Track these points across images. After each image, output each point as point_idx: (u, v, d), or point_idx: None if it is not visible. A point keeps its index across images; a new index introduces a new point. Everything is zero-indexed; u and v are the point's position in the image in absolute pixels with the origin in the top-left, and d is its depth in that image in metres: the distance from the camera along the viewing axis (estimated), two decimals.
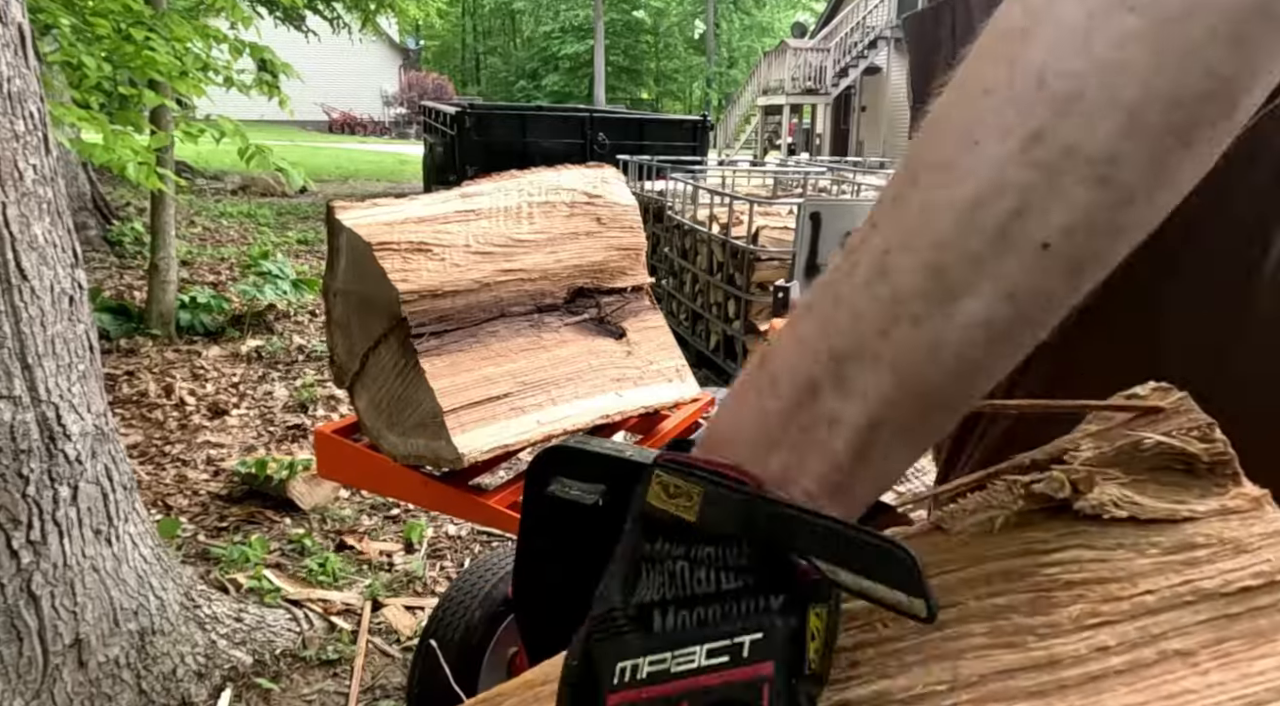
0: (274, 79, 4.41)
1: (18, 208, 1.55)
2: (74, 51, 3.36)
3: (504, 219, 1.55)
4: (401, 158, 17.56)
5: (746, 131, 21.75)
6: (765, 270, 4.02)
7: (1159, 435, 0.39)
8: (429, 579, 2.53)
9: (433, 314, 1.40)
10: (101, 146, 3.29)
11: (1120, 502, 0.37)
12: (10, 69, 1.54)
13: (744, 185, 6.36)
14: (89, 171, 6.76)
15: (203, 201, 10.00)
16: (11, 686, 1.62)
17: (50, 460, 1.63)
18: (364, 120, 29.23)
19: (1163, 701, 0.32)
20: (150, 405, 3.66)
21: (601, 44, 31.82)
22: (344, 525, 2.81)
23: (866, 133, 20.56)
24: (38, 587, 1.63)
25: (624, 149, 7.78)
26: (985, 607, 0.36)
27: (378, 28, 10.04)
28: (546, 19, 38.35)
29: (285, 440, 3.46)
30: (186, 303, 4.71)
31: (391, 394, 1.44)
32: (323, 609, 2.31)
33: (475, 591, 1.65)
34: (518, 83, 39.81)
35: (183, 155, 10.28)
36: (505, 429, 1.42)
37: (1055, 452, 0.40)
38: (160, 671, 1.87)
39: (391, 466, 1.47)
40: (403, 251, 1.38)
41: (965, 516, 0.40)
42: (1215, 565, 0.36)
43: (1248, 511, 0.38)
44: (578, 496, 0.87)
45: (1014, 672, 0.34)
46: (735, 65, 37.29)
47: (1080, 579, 0.36)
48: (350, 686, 2.04)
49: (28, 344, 1.58)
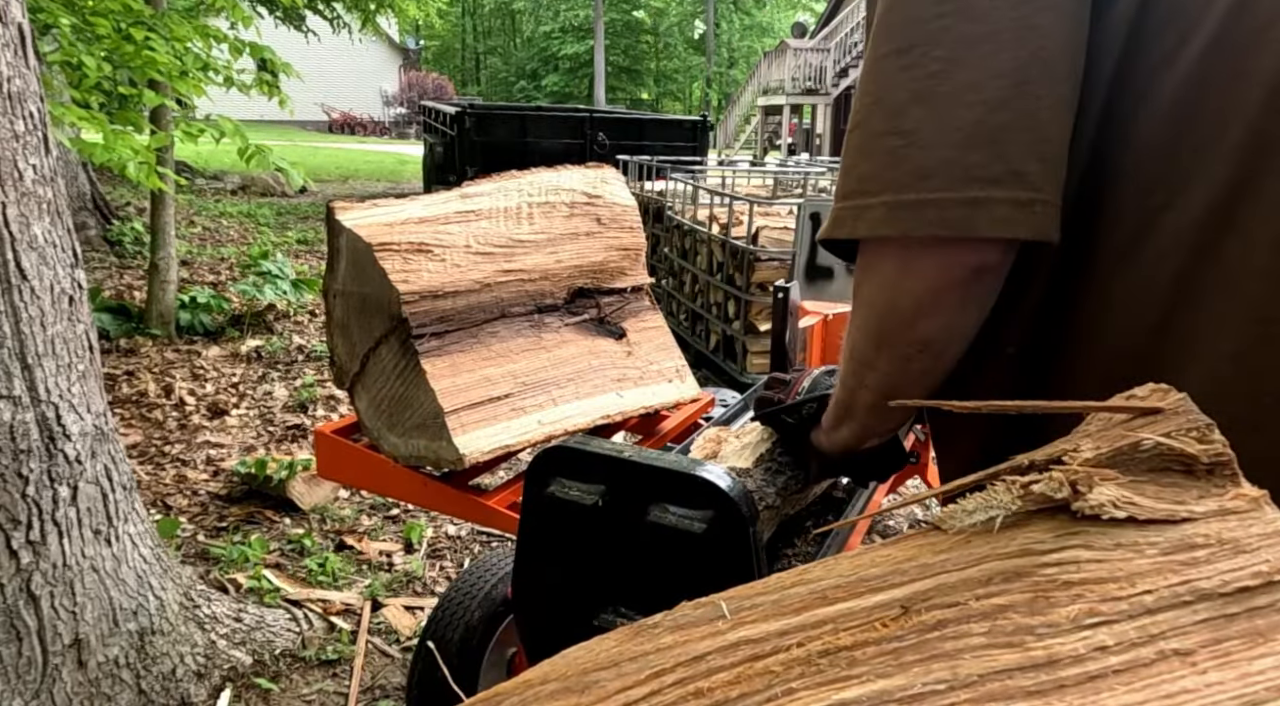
0: (274, 79, 4.41)
1: (18, 208, 1.55)
2: (74, 51, 3.36)
3: (504, 219, 1.55)
4: (401, 158, 17.56)
5: (746, 131, 21.75)
6: (765, 270, 4.02)
7: (1158, 436, 0.39)
8: (429, 579, 2.53)
9: (433, 314, 1.40)
10: (101, 146, 3.29)
11: (1119, 503, 0.37)
12: (10, 69, 1.54)
13: (744, 185, 6.36)
14: (89, 171, 6.77)
15: (203, 201, 10.00)
16: (11, 686, 1.62)
17: (50, 460, 1.63)
18: (364, 120, 29.22)
19: (1161, 701, 0.32)
20: (150, 405, 3.66)
21: (601, 44, 31.82)
22: (344, 525, 2.81)
23: None
24: (37, 587, 1.64)
25: (624, 149, 7.78)
26: (985, 607, 0.36)
27: (378, 28, 10.03)
28: (546, 19, 38.35)
29: (285, 440, 3.46)
30: (186, 302, 4.71)
31: (392, 394, 1.44)
32: (322, 609, 2.31)
33: (475, 591, 1.65)
34: (518, 83, 39.82)
35: (183, 155, 10.29)
36: (506, 429, 1.42)
37: (1055, 453, 0.40)
38: (160, 671, 1.87)
39: (391, 466, 1.47)
40: (403, 252, 1.38)
41: (965, 516, 0.41)
42: (1214, 565, 0.36)
43: (1246, 512, 0.38)
44: (578, 496, 0.87)
45: (1013, 672, 0.34)
46: (735, 65, 37.30)
47: (1079, 579, 0.36)
48: (350, 686, 2.04)
49: (28, 344, 1.58)
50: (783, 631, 0.38)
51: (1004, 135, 0.60)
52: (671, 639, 0.40)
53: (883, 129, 0.64)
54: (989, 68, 0.60)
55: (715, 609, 0.41)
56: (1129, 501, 0.38)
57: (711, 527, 0.80)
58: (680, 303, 5.15)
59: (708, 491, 0.81)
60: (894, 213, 0.63)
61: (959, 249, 0.64)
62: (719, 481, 0.81)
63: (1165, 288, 0.63)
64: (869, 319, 0.73)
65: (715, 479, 0.82)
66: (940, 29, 0.61)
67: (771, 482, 1.06)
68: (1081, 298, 0.68)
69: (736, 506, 0.80)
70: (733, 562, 0.81)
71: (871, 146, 0.65)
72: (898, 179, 0.63)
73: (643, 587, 0.86)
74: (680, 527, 0.81)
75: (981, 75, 0.60)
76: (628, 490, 0.85)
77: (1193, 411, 0.40)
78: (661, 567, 0.83)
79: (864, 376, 0.76)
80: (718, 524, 0.80)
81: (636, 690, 0.38)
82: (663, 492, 0.83)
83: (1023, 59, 0.60)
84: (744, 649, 0.38)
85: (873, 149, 0.64)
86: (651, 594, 0.84)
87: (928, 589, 0.38)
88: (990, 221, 0.61)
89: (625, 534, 0.85)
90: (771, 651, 0.38)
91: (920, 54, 0.62)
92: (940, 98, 0.61)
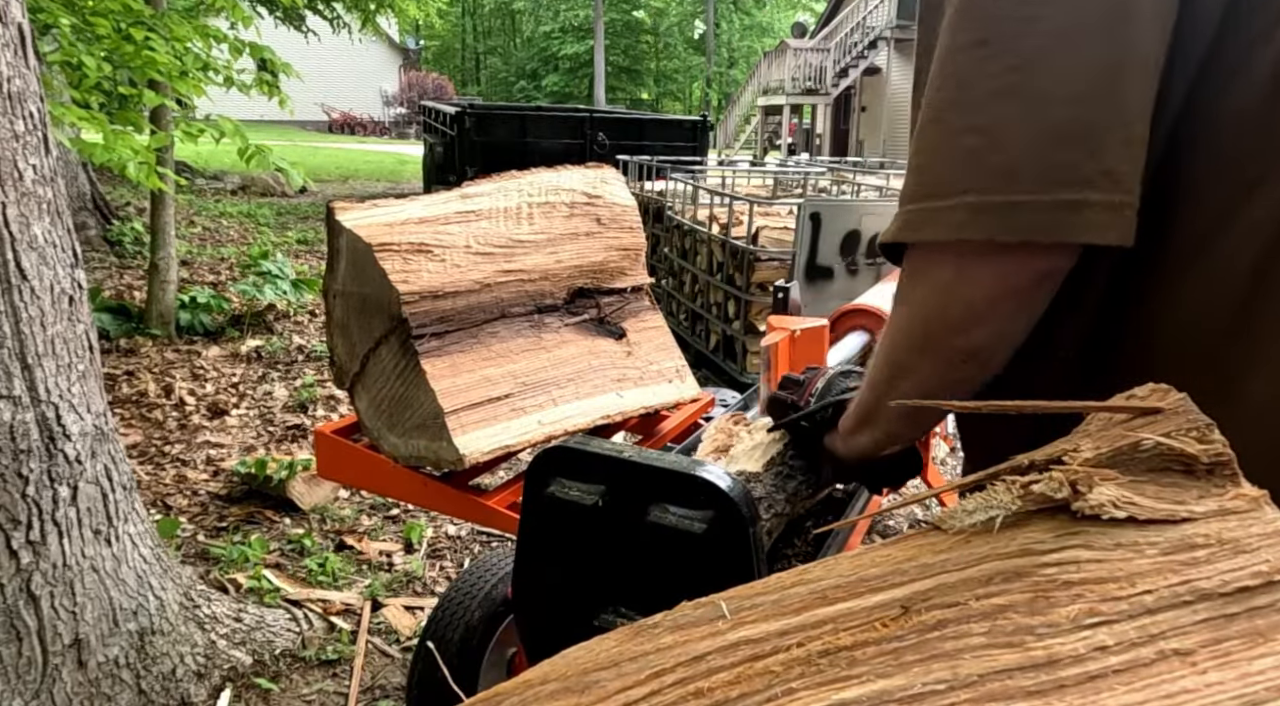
0: (274, 79, 4.41)
1: (18, 208, 1.55)
2: (74, 51, 3.36)
3: (504, 219, 1.55)
4: (401, 158, 17.56)
5: (746, 131, 21.75)
6: (765, 270, 4.02)
7: (1158, 436, 0.39)
8: (429, 579, 2.53)
9: (433, 315, 1.40)
10: (101, 146, 3.29)
11: (1119, 503, 0.37)
12: (10, 69, 1.54)
13: (744, 185, 6.36)
14: (89, 171, 6.76)
15: (203, 201, 9.99)
16: (11, 686, 1.62)
17: (50, 460, 1.63)
18: (364, 120, 29.22)
19: (1161, 701, 0.32)
20: (150, 405, 3.66)
21: (601, 44, 31.81)
22: (344, 525, 2.81)
23: (866, 133, 20.56)
24: (37, 588, 1.64)
25: (624, 149, 7.78)
26: (985, 607, 0.36)
27: (378, 28, 10.03)
28: (546, 19, 38.35)
29: (285, 440, 3.46)
30: (186, 302, 4.71)
31: (392, 395, 1.44)
32: (322, 609, 2.31)
33: (475, 591, 1.65)
34: (518, 83, 39.81)
35: (183, 155, 10.29)
36: (506, 429, 1.42)
37: (1054, 453, 0.40)
38: (160, 671, 1.87)
39: (391, 466, 1.47)
40: (403, 252, 1.38)
41: (965, 516, 0.41)
42: (1214, 565, 0.36)
43: (1246, 512, 0.38)
44: (578, 497, 0.87)
45: (1013, 672, 0.34)
46: (735, 65, 37.29)
47: (1079, 579, 0.36)
48: (350, 686, 2.04)
49: (28, 344, 1.58)
50: (783, 631, 0.38)
51: (1096, 133, 0.57)
52: (671, 639, 0.40)
53: (962, 126, 0.60)
54: (1080, 60, 0.57)
55: (715, 609, 0.41)
56: (1129, 501, 0.38)
57: (711, 528, 0.80)
58: (680, 303, 5.15)
59: (708, 491, 0.81)
60: (977, 216, 0.59)
61: (1028, 254, 0.61)
62: (719, 481, 0.81)
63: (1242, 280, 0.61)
64: (913, 323, 0.69)
65: (715, 479, 0.81)
66: (1027, 18, 0.57)
67: (781, 488, 1.04)
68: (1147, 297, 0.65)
69: (736, 506, 0.80)
70: (733, 563, 0.81)
71: (948, 145, 0.61)
72: (980, 180, 0.59)
73: (643, 588, 0.86)
74: (680, 528, 0.81)
75: (1072, 68, 0.57)
76: (628, 490, 0.85)
77: (1193, 411, 0.40)
78: (661, 568, 0.83)
79: (899, 382, 0.73)
80: (718, 524, 0.80)
81: (636, 690, 0.38)
82: (663, 493, 0.83)
83: (1115, 51, 0.57)
84: (744, 649, 0.38)
85: (950, 147, 0.61)
86: (651, 594, 0.84)
87: (928, 589, 0.38)
88: (1083, 226, 0.57)
89: (625, 534, 0.85)
90: (771, 651, 0.38)
91: (1005, 46, 0.58)
92: (1027, 92, 0.57)
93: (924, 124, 0.63)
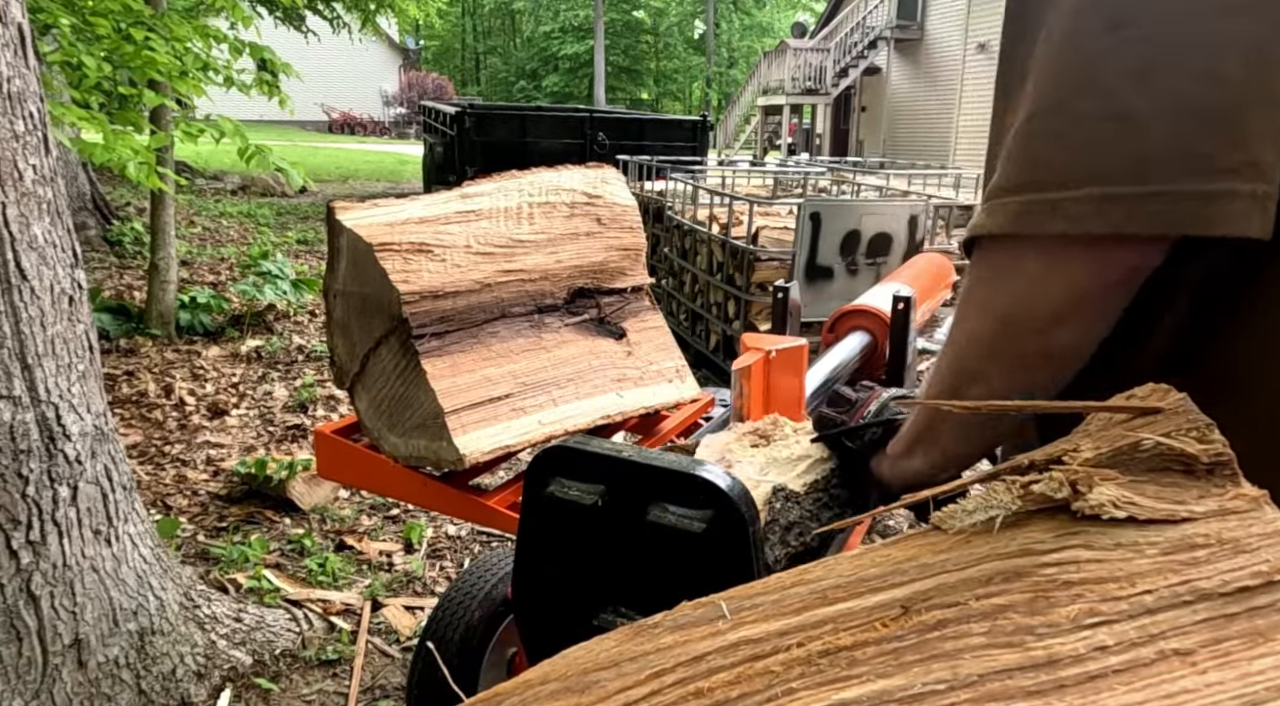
0: (274, 79, 4.41)
1: (18, 208, 1.55)
2: (74, 51, 3.36)
3: (504, 219, 1.55)
4: (401, 158, 17.56)
5: (746, 131, 21.74)
6: (765, 270, 4.02)
7: (1158, 436, 0.39)
8: (429, 579, 2.53)
9: (434, 315, 1.40)
10: (101, 146, 3.29)
11: (1119, 503, 0.37)
12: (10, 69, 1.54)
13: (744, 185, 6.36)
14: (89, 171, 6.77)
15: (203, 201, 10.00)
16: (11, 686, 1.62)
17: (50, 460, 1.63)
18: (364, 120, 29.22)
19: (1161, 700, 0.32)
20: (150, 405, 3.66)
21: (601, 44, 31.82)
22: (344, 525, 2.81)
23: (866, 133, 20.57)
24: (37, 588, 1.63)
25: (624, 149, 7.79)
26: (985, 607, 0.36)
27: (377, 28, 10.03)
28: (546, 19, 38.35)
29: (285, 440, 3.46)
30: (186, 302, 4.71)
31: (392, 395, 1.44)
32: (322, 609, 2.31)
33: (475, 591, 1.65)
34: (518, 83, 39.81)
35: (183, 155, 10.29)
36: (507, 429, 1.42)
37: (1054, 453, 0.40)
38: (160, 671, 1.87)
39: (391, 466, 1.47)
40: (403, 252, 1.38)
41: (965, 516, 0.41)
42: (1214, 565, 0.36)
43: (1246, 512, 0.38)
44: (577, 496, 0.87)
45: (1013, 672, 0.34)
46: (735, 65, 37.29)
47: (1079, 579, 0.36)
48: (350, 686, 2.04)
49: (27, 344, 1.58)
50: (783, 631, 0.38)
51: (1243, 118, 0.53)
52: (671, 639, 0.40)
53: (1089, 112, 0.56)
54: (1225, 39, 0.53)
55: (715, 609, 0.41)
56: (1129, 501, 0.38)
57: (711, 527, 0.80)
58: (680, 303, 5.15)
59: (707, 491, 0.81)
60: (1104, 207, 0.55)
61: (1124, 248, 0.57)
62: (719, 481, 0.81)
63: None
64: (985, 325, 0.65)
65: (715, 479, 0.81)
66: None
67: (816, 517, 0.98)
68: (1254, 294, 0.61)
69: (736, 506, 0.80)
70: (732, 562, 0.81)
71: (1071, 132, 0.57)
72: (1108, 168, 0.55)
73: (643, 587, 0.86)
74: (680, 527, 0.81)
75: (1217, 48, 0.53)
76: (627, 490, 0.85)
77: (1193, 411, 0.40)
78: (661, 567, 0.83)
79: (964, 391, 0.67)
80: (717, 524, 0.80)
81: (636, 690, 0.38)
82: (662, 492, 0.83)
83: (1263, 28, 0.53)
84: (744, 649, 0.38)
85: (1073, 135, 0.56)
86: (651, 594, 0.84)
87: (928, 589, 0.38)
88: (1224, 218, 0.53)
89: (625, 534, 0.85)
90: (771, 651, 0.38)
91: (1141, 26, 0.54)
92: (1166, 75, 0.53)
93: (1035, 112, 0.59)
